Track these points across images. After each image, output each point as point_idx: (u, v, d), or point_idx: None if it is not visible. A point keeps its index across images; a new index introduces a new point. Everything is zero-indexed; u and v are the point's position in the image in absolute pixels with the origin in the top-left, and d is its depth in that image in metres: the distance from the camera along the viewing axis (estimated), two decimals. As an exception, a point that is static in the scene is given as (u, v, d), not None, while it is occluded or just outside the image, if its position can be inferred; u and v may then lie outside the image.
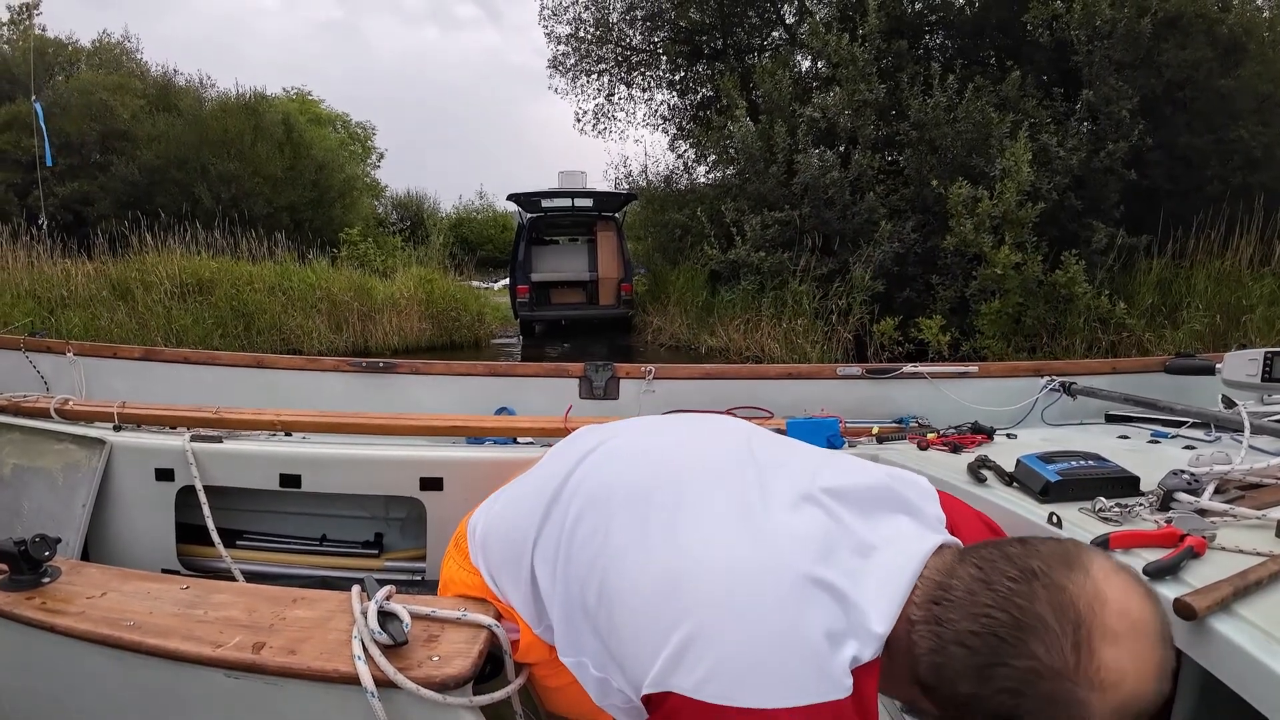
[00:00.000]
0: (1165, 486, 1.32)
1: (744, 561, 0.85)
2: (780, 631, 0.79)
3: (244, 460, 1.97)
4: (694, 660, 0.80)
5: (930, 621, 0.81)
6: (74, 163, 15.68)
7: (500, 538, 1.16)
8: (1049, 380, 2.49)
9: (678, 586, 0.85)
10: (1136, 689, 0.72)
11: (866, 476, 1.00)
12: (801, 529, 0.88)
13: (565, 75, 15.74)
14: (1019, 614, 0.74)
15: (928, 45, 11.78)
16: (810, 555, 0.85)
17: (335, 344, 10.80)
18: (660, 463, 1.05)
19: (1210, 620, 0.93)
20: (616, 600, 0.91)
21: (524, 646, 1.13)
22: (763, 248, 10.13)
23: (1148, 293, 8.58)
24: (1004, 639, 0.74)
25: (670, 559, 0.88)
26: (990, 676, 0.75)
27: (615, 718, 0.98)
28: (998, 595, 0.77)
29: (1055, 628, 0.73)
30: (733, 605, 0.82)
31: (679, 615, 0.83)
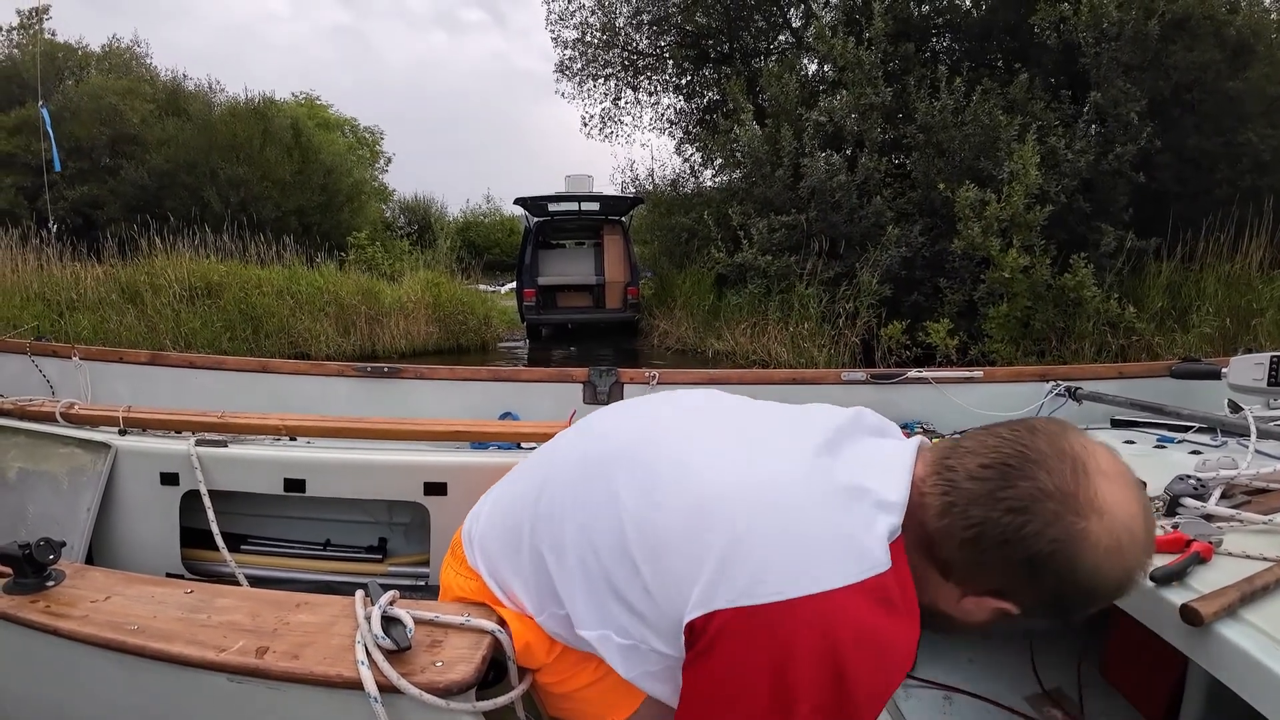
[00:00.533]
0: (1171, 492, 1.31)
1: (760, 475, 0.92)
2: (813, 520, 0.85)
3: (248, 465, 1.98)
4: (736, 569, 0.84)
5: (941, 471, 0.88)
6: (84, 166, 15.79)
7: (498, 531, 1.17)
8: (1054, 385, 2.49)
9: (703, 512, 0.89)
10: (1129, 523, 0.81)
11: (843, 411, 1.07)
12: (803, 446, 0.95)
13: (572, 79, 15.79)
14: (1024, 449, 0.84)
15: (934, 48, 11.75)
16: (820, 461, 0.92)
17: (343, 347, 10.83)
18: (648, 423, 1.10)
19: (1217, 626, 0.93)
20: (642, 550, 0.93)
21: (525, 648, 1.13)
22: (769, 251, 10.11)
23: (1157, 296, 8.54)
24: (1012, 466, 0.83)
25: (688, 492, 0.92)
26: (999, 499, 0.82)
27: (645, 688, 1.01)
28: (1003, 440, 0.86)
29: (1056, 460, 0.82)
30: (761, 511, 0.87)
31: (711, 537, 0.87)
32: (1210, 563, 1.09)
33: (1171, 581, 1.04)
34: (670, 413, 1.13)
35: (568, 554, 1.02)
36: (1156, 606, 1.02)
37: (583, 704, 1.19)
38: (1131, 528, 0.81)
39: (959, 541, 0.85)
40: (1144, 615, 1.05)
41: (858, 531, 0.85)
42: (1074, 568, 0.81)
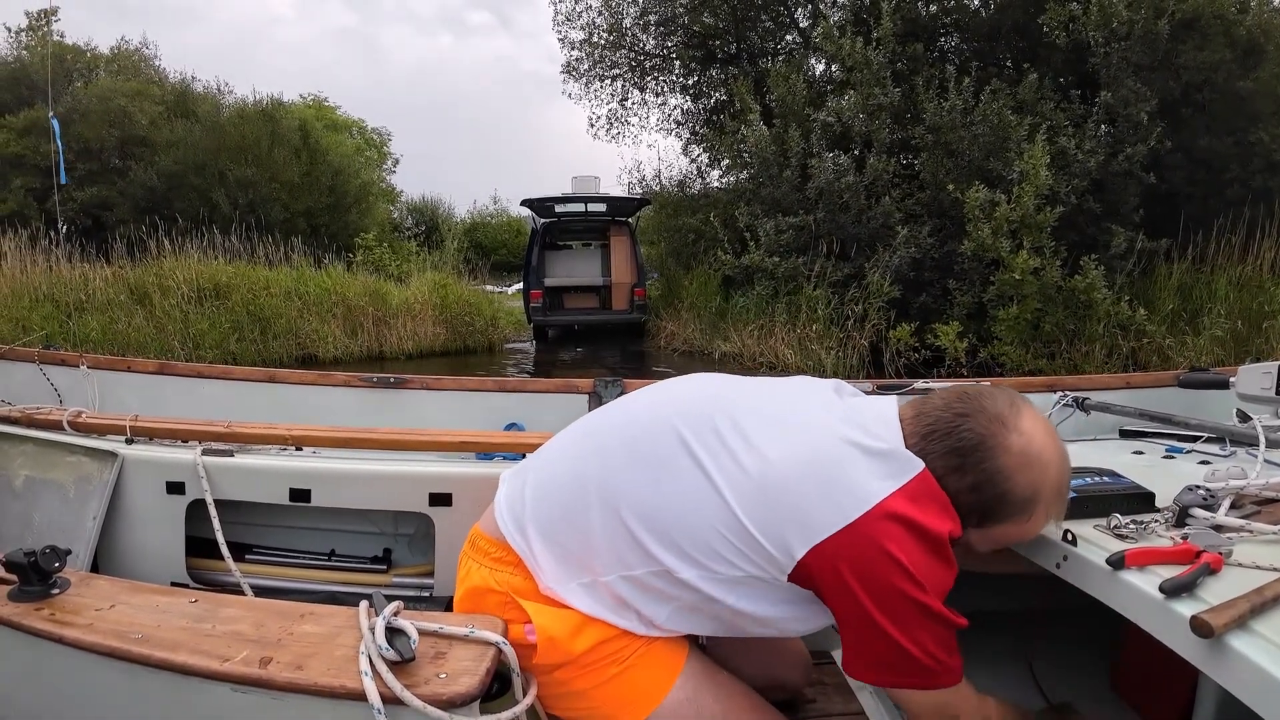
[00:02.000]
0: (1181, 502, 1.30)
1: (812, 431, 1.17)
2: (859, 454, 1.11)
3: (254, 474, 1.98)
4: (825, 504, 1.08)
5: (916, 407, 1.19)
6: (93, 168, 15.88)
7: (556, 504, 1.24)
8: (1062, 396, 2.47)
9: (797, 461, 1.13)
10: (1041, 452, 1.11)
11: (825, 381, 1.36)
12: (824, 406, 1.23)
13: (579, 80, 15.82)
14: (978, 390, 1.18)
15: (943, 48, 11.72)
16: (840, 416, 1.20)
17: (350, 348, 10.87)
18: (702, 390, 1.33)
19: (1227, 638, 0.92)
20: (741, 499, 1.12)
21: (549, 643, 1.16)
22: (777, 253, 10.10)
23: (1168, 298, 8.49)
24: (967, 394, 1.18)
25: (784, 446, 1.15)
26: (951, 407, 1.15)
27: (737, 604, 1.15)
28: (958, 390, 1.21)
29: (999, 398, 1.16)
30: (823, 455, 1.13)
31: (801, 484, 1.10)
32: (1220, 574, 1.08)
33: (1181, 593, 1.02)
34: (712, 384, 1.35)
35: (661, 512, 1.16)
36: (1166, 618, 1.01)
37: (598, 703, 1.19)
38: (1044, 457, 1.12)
39: (919, 444, 1.13)
40: (1154, 627, 1.04)
41: (892, 450, 1.12)
42: (990, 464, 1.10)
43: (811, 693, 1.76)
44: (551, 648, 1.16)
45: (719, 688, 1.25)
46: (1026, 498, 1.11)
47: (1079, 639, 1.91)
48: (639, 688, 1.19)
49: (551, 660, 1.17)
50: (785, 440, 1.16)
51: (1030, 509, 1.13)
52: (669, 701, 1.19)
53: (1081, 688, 1.82)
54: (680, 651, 1.25)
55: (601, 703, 1.20)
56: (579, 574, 1.19)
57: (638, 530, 1.15)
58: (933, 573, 1.06)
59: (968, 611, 1.17)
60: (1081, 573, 1.18)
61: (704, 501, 1.13)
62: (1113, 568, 1.10)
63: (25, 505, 1.96)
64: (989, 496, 1.11)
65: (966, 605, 2.04)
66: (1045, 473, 1.12)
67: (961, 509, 1.12)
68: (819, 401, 1.25)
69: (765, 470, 1.13)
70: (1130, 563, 1.11)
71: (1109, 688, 1.82)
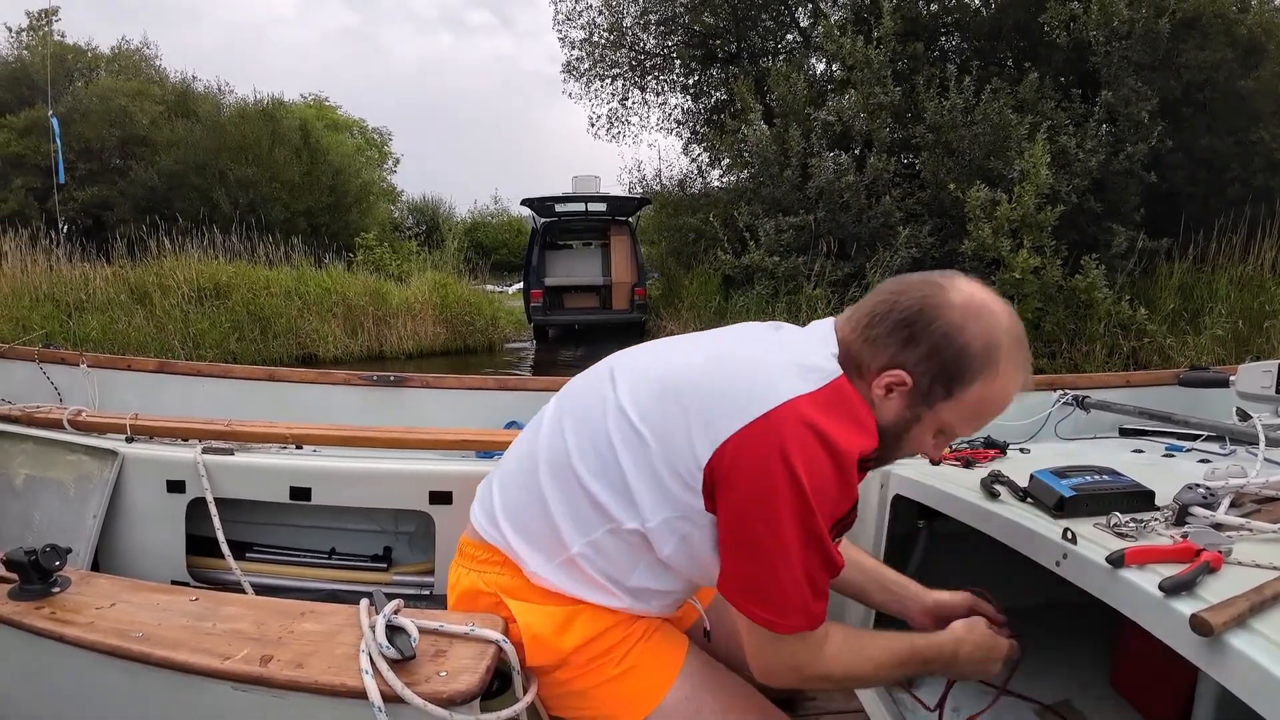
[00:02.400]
0: (1180, 501, 1.30)
1: (725, 343, 1.19)
2: (775, 358, 1.10)
3: (255, 473, 1.98)
4: (728, 405, 1.05)
5: (854, 317, 1.13)
6: (93, 168, 15.85)
7: (516, 487, 1.25)
8: (1062, 394, 2.47)
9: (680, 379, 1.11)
10: (987, 301, 1.08)
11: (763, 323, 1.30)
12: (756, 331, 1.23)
13: (579, 80, 15.82)
14: (901, 276, 1.15)
15: (944, 47, 11.73)
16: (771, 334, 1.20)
17: (350, 348, 10.87)
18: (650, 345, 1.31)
19: (1227, 636, 0.92)
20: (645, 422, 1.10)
21: (534, 641, 1.15)
22: (777, 252, 10.10)
23: (1169, 297, 8.49)
24: (895, 280, 1.14)
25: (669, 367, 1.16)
26: (887, 289, 1.13)
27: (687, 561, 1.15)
28: (885, 281, 1.16)
29: (925, 273, 1.14)
30: (731, 360, 1.13)
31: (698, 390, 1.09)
32: (1220, 572, 1.08)
33: (1181, 591, 1.02)
34: (656, 342, 1.34)
35: (591, 446, 1.15)
36: (1166, 616, 1.01)
37: (598, 703, 1.19)
38: (990, 306, 1.08)
39: (860, 336, 1.10)
40: (1153, 625, 1.04)
41: (807, 359, 1.09)
42: (938, 323, 1.05)
43: (812, 691, 1.76)
44: (539, 646, 1.15)
45: (719, 686, 1.25)
46: (985, 347, 1.05)
47: (1078, 637, 1.91)
48: (638, 688, 1.19)
49: (543, 660, 1.17)
50: (697, 352, 1.18)
51: (993, 360, 1.06)
52: (668, 701, 1.19)
53: (1081, 686, 1.82)
54: (679, 650, 1.25)
55: (601, 703, 1.20)
56: (553, 554, 1.18)
57: (583, 476, 1.14)
58: (827, 489, 1.01)
59: None
60: (1081, 571, 1.18)
61: (610, 419, 1.13)
62: (1112, 566, 1.10)
63: (26, 504, 1.96)
64: (948, 357, 1.05)
65: (966, 604, 2.04)
66: (996, 320, 1.07)
67: (925, 383, 1.07)
68: (751, 334, 1.23)
69: (668, 375, 1.13)
70: (1130, 561, 1.11)
71: (1108, 686, 1.82)
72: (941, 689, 1.46)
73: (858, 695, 1.78)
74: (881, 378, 1.08)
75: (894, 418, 1.10)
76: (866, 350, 1.09)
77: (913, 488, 1.74)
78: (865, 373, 1.10)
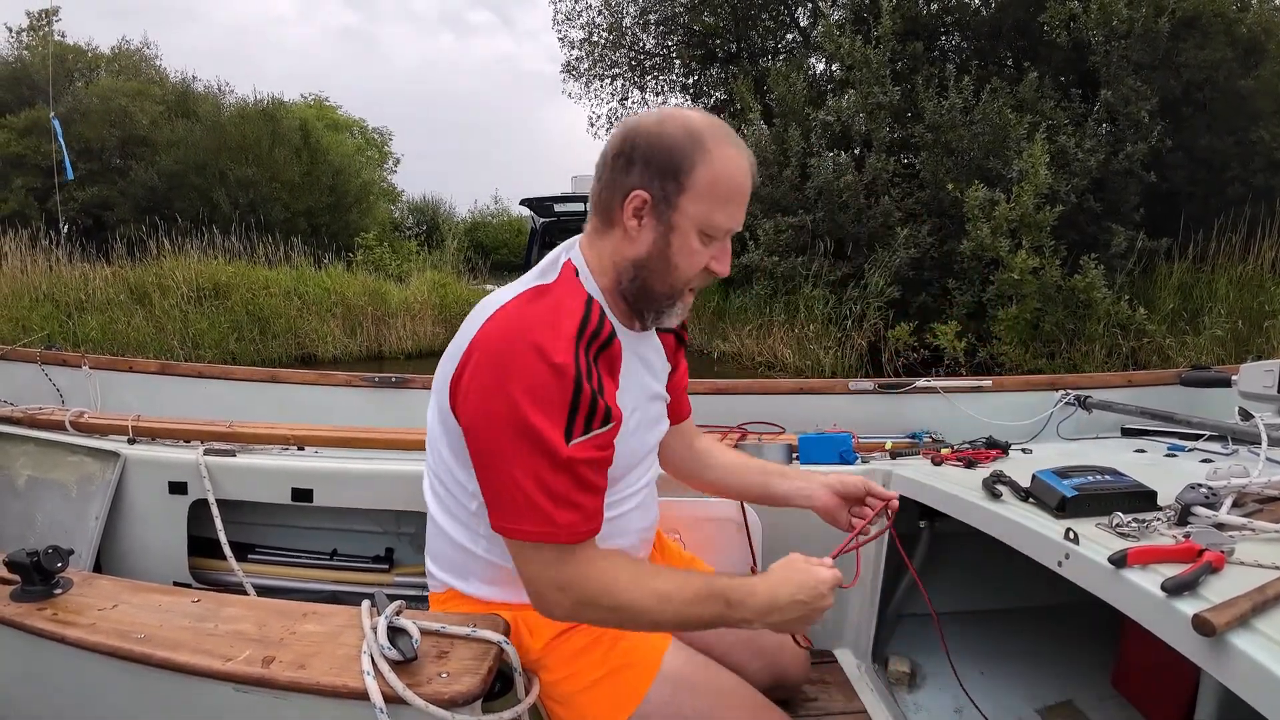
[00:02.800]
0: (1182, 501, 1.30)
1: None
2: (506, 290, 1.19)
3: (256, 474, 1.98)
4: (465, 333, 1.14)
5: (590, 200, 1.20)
6: (93, 168, 15.83)
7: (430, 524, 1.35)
8: (1063, 394, 2.47)
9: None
10: (673, 111, 1.14)
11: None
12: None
13: (579, 80, 15.83)
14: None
15: (943, 47, 11.71)
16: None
17: (349, 348, 10.86)
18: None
19: (1229, 636, 0.92)
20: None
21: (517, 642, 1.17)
22: (776, 252, 10.09)
23: (1168, 298, 8.48)
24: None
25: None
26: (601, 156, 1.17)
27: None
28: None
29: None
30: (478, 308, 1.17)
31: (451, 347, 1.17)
32: (1222, 572, 1.08)
33: (1183, 591, 1.02)
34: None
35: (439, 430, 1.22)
36: (1168, 617, 1.01)
37: (583, 707, 1.19)
38: (680, 110, 1.15)
39: (597, 193, 1.17)
40: (1156, 626, 1.04)
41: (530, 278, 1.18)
42: (639, 137, 1.10)
43: (812, 691, 1.76)
44: (522, 649, 1.19)
45: (700, 686, 1.24)
46: (686, 134, 1.10)
47: (1081, 637, 1.92)
48: (617, 692, 1.19)
49: (529, 659, 1.20)
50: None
51: (699, 140, 1.10)
52: (649, 702, 1.18)
53: (1083, 686, 1.82)
54: (657, 653, 1.25)
55: (586, 707, 1.20)
56: (469, 572, 1.26)
57: (443, 451, 1.20)
58: (538, 387, 1.02)
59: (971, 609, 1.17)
60: (1083, 571, 1.18)
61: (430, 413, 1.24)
62: (1115, 566, 1.11)
63: (28, 505, 1.96)
64: (660, 156, 1.09)
65: (969, 603, 2.05)
66: (687, 115, 1.13)
67: (657, 188, 1.10)
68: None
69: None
70: (1132, 561, 1.11)
71: (1110, 686, 1.82)
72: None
73: (859, 695, 1.78)
74: (625, 209, 1.12)
75: (652, 237, 1.13)
76: (606, 198, 1.15)
77: (914, 488, 1.74)
78: (616, 216, 1.14)
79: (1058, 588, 1.26)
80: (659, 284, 1.15)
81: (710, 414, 2.25)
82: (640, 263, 1.14)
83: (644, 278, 1.15)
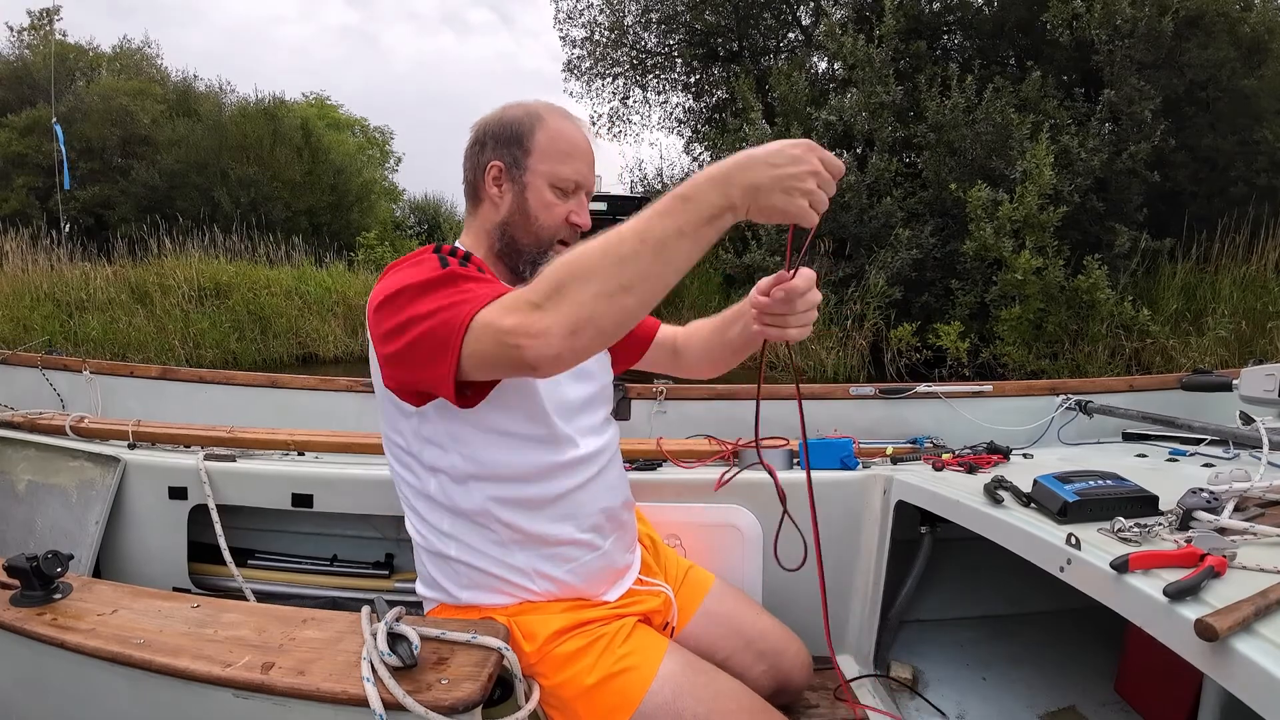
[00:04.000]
0: (1184, 505, 1.30)
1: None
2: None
3: (257, 479, 1.97)
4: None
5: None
6: (95, 167, 15.87)
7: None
8: (1065, 399, 2.46)
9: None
10: (514, 101, 1.32)
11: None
12: None
13: (580, 79, 15.82)
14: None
15: (946, 46, 11.71)
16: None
17: (351, 347, 10.88)
18: None
19: (1231, 641, 0.92)
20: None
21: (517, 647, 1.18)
22: (778, 252, 10.07)
23: (1172, 298, 8.46)
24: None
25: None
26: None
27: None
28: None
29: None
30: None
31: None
32: (1224, 577, 1.08)
33: (1185, 596, 1.02)
34: None
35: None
36: (1170, 622, 1.01)
37: (584, 712, 1.19)
38: (518, 101, 1.31)
39: (466, 178, 1.32)
40: (1158, 631, 1.04)
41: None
42: (488, 123, 1.29)
43: (814, 697, 1.76)
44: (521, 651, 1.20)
45: (701, 689, 1.24)
46: (523, 112, 1.28)
47: (1083, 642, 1.91)
48: (615, 695, 1.19)
49: (530, 660, 1.20)
50: None
51: (533, 113, 1.28)
52: (646, 706, 1.18)
53: (1085, 691, 1.82)
54: (656, 654, 1.25)
55: (584, 711, 1.19)
56: (451, 581, 1.29)
57: (392, 431, 1.29)
58: (408, 270, 1.14)
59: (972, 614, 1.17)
60: (1085, 576, 1.18)
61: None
62: (1116, 571, 1.10)
63: (28, 510, 1.96)
64: (504, 132, 1.27)
65: (971, 608, 2.05)
66: (521, 101, 1.31)
67: (506, 156, 1.27)
68: None
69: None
70: (1134, 566, 1.11)
71: (1113, 691, 1.81)
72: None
73: (861, 701, 1.78)
74: (486, 180, 1.28)
75: (511, 199, 1.27)
76: (471, 179, 1.31)
77: (915, 493, 1.73)
78: (482, 191, 1.30)
79: (1060, 593, 1.25)
80: (524, 237, 1.27)
81: (711, 419, 2.24)
82: (505, 222, 1.28)
83: (511, 234, 1.28)
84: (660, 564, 1.53)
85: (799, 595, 1.48)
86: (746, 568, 1.86)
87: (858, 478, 1.91)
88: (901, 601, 1.90)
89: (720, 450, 2.01)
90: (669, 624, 1.44)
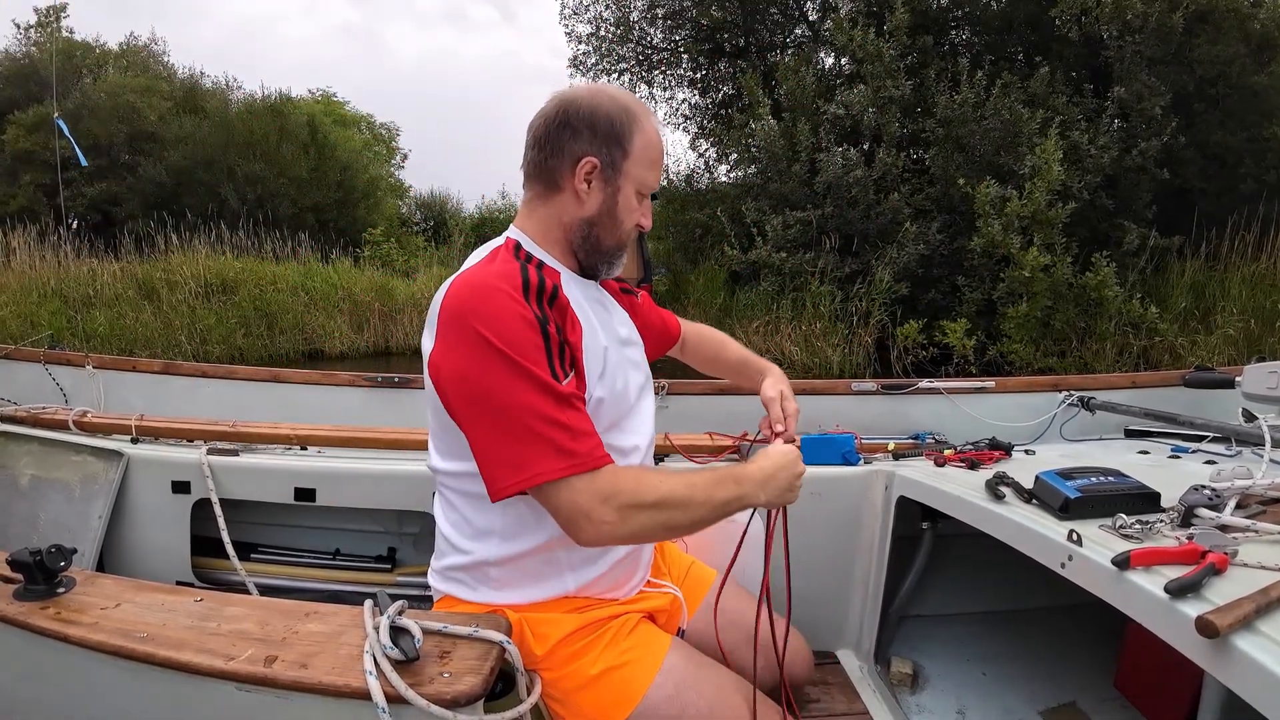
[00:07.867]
0: (1186, 502, 1.30)
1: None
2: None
3: (259, 474, 1.98)
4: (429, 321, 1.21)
5: (525, 161, 1.29)
6: (102, 164, 15.88)
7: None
8: (1067, 395, 2.45)
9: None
10: (599, 85, 1.31)
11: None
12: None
13: (586, 75, 15.74)
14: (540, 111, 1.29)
15: (954, 41, 11.66)
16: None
17: (356, 344, 10.90)
18: None
19: (1232, 638, 0.92)
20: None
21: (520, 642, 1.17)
22: (784, 248, 10.06)
23: (1180, 296, 8.42)
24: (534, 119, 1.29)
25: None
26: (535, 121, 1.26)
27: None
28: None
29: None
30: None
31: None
32: (1226, 574, 1.08)
33: (1186, 593, 1.02)
34: None
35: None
36: (1171, 618, 1.01)
37: (586, 706, 1.20)
38: (592, 86, 1.29)
39: (537, 164, 1.25)
40: (1159, 627, 1.04)
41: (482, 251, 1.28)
42: (581, 111, 1.21)
43: (815, 692, 1.76)
44: (526, 649, 1.19)
45: (703, 684, 1.24)
46: (618, 107, 1.23)
47: (1083, 639, 1.91)
48: (617, 690, 1.20)
49: (534, 656, 1.20)
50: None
51: (630, 111, 1.24)
52: (649, 701, 1.19)
53: (1086, 687, 1.82)
54: (659, 649, 1.25)
55: (586, 705, 1.20)
56: (473, 574, 1.26)
57: (441, 444, 1.25)
58: (507, 331, 1.08)
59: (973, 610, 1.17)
60: (1087, 573, 1.18)
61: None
62: (1118, 568, 1.10)
63: (31, 504, 1.97)
64: (604, 127, 1.22)
65: (972, 604, 2.05)
66: (605, 91, 1.27)
67: (605, 155, 1.22)
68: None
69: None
70: (1135, 563, 1.11)
71: (1113, 688, 1.81)
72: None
73: (862, 696, 1.78)
74: (577, 173, 1.22)
75: (601, 197, 1.24)
76: (551, 166, 1.24)
77: (917, 489, 1.73)
78: (563, 182, 1.24)
79: (1061, 589, 1.25)
80: (608, 238, 1.27)
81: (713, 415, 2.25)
82: (592, 220, 1.25)
83: (596, 234, 1.26)
84: (665, 561, 1.54)
85: (800, 590, 1.48)
86: (748, 563, 1.86)
87: (859, 473, 1.91)
88: (902, 597, 1.90)
89: (729, 445, 2.01)
90: (681, 629, 1.44)
